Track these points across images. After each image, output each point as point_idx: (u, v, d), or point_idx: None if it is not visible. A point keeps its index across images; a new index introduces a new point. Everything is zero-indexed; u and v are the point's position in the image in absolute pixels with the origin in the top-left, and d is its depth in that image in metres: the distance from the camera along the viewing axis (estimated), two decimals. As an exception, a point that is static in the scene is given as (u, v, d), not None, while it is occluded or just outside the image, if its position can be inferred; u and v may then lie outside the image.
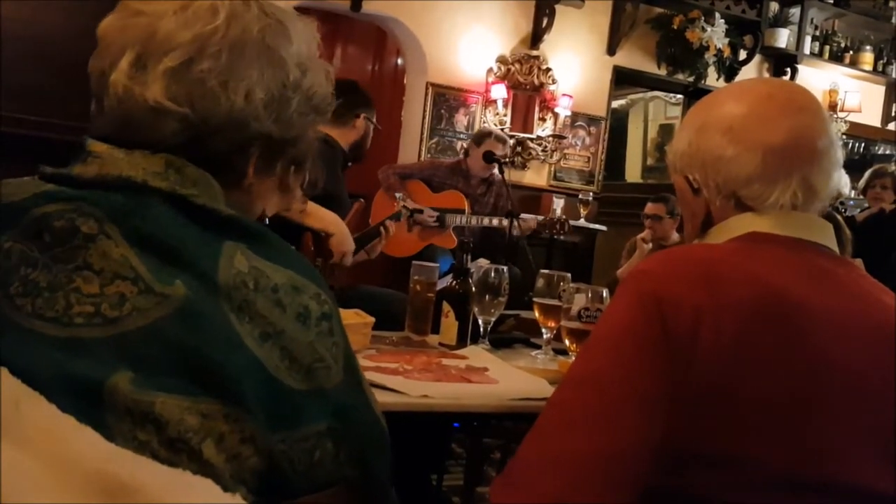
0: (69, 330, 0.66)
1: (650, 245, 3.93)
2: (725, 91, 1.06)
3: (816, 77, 6.40)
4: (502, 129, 5.12)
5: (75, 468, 0.60)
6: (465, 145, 4.85)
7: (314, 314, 0.75)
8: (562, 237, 4.23)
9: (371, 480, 0.79)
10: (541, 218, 4.23)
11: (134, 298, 0.67)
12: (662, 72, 5.80)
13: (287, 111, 0.82)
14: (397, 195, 3.95)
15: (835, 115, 6.41)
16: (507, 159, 4.65)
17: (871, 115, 6.83)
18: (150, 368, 0.65)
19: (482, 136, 4.33)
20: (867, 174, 4.74)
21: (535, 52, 5.37)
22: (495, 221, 4.13)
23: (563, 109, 5.38)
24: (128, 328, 0.66)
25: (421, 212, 4.18)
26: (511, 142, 5.14)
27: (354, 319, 1.63)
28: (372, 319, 1.65)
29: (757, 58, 6.06)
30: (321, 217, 2.31)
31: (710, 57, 5.70)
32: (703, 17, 5.58)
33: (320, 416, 0.73)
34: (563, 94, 5.38)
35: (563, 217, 4.20)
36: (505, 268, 1.86)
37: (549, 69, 5.39)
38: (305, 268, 0.78)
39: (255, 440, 0.67)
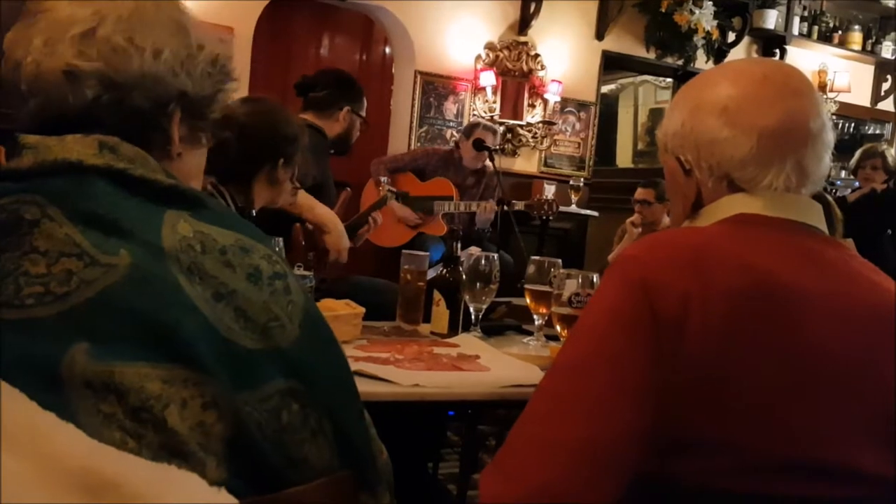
0: (22, 311, 0.66)
1: (640, 229, 3.93)
2: (718, 72, 1.03)
3: (805, 58, 6.38)
4: (492, 117, 5.11)
5: (57, 465, 0.59)
6: (455, 134, 4.85)
7: (265, 273, 0.76)
8: (551, 219, 4.22)
9: (348, 446, 0.79)
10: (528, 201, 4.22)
11: (80, 272, 0.68)
12: (651, 56, 5.78)
13: (196, 69, 0.85)
14: (382, 179, 3.94)
15: (824, 96, 6.40)
16: (497, 147, 4.64)
17: (861, 95, 6.84)
18: (105, 338, 0.66)
19: (471, 128, 4.38)
20: (857, 154, 4.72)
21: (523, 39, 5.34)
22: (483, 205, 4.13)
23: (553, 95, 5.36)
24: (77, 301, 0.67)
25: (406, 195, 4.18)
26: (500, 129, 5.13)
27: (345, 310, 1.62)
28: (362, 310, 1.64)
29: (746, 40, 6.04)
30: (318, 213, 2.30)
31: (698, 40, 5.67)
32: (690, 0, 5.56)
33: (277, 374, 0.73)
34: (553, 80, 5.36)
35: (552, 199, 4.19)
36: (495, 255, 1.85)
37: (537, 55, 5.37)
38: (251, 230, 0.80)
39: (217, 404, 0.68)
